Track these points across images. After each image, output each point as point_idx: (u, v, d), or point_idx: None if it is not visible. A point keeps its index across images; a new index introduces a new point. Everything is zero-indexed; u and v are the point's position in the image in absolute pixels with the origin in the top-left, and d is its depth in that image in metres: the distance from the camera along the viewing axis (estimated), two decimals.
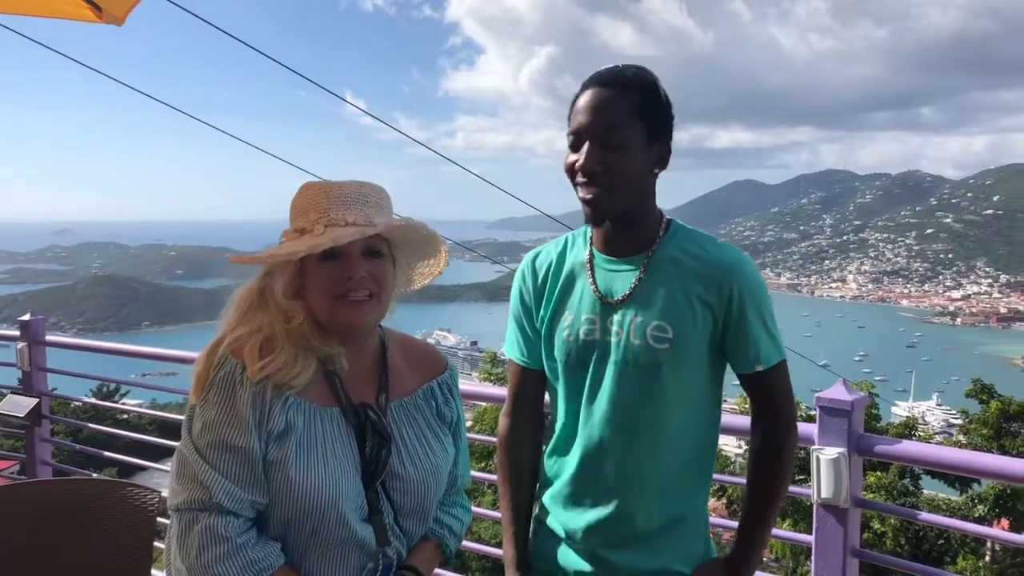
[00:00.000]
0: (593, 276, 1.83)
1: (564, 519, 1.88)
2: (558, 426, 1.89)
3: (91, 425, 6.09)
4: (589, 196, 1.72)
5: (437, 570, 3.55)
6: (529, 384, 2.00)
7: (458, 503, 1.87)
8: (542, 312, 1.91)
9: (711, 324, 1.74)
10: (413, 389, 1.76)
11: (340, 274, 1.60)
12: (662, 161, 1.76)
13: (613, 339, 1.78)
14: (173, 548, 1.57)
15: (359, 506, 1.59)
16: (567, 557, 1.88)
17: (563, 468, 1.88)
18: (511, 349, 2.02)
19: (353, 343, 1.67)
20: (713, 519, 2.09)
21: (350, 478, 1.58)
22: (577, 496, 1.85)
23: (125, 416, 20.27)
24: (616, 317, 1.78)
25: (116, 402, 19.73)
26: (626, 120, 1.69)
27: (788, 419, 1.81)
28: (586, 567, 1.85)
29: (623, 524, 1.80)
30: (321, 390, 1.62)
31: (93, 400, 10.45)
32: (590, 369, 1.81)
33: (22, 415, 4.58)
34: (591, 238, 1.87)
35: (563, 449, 1.88)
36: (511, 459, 2.01)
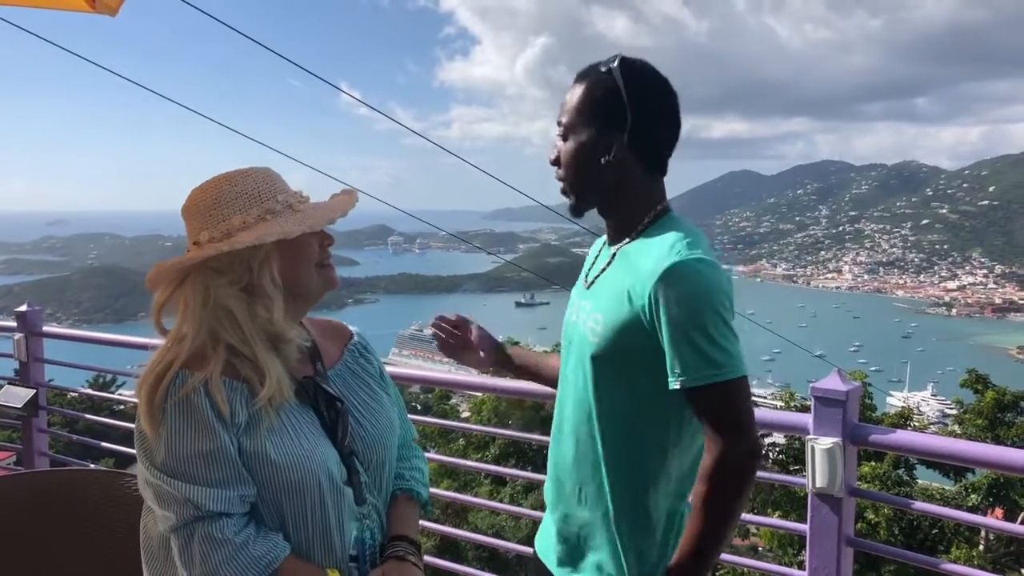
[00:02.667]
0: (594, 262, 1.91)
1: (547, 493, 1.97)
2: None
3: (88, 416, 6.10)
4: (560, 187, 1.84)
5: (437, 560, 3.59)
6: None
7: (413, 454, 1.91)
8: None
9: (639, 325, 1.65)
10: (339, 355, 1.80)
11: (320, 243, 1.67)
12: (607, 151, 1.72)
13: (578, 324, 1.84)
14: (179, 569, 1.53)
15: (340, 471, 1.62)
16: (547, 526, 1.96)
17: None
18: None
19: (298, 323, 1.70)
20: None
21: (326, 446, 1.61)
22: (551, 473, 1.93)
23: (122, 407, 20.25)
24: (583, 303, 1.84)
25: (112, 393, 19.74)
26: (575, 113, 1.76)
27: (726, 443, 1.59)
28: (553, 542, 1.90)
29: (572, 509, 1.84)
30: None
31: (89, 391, 10.48)
32: (566, 349, 1.90)
33: (19, 406, 4.58)
34: None
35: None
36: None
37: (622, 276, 1.73)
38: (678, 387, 1.62)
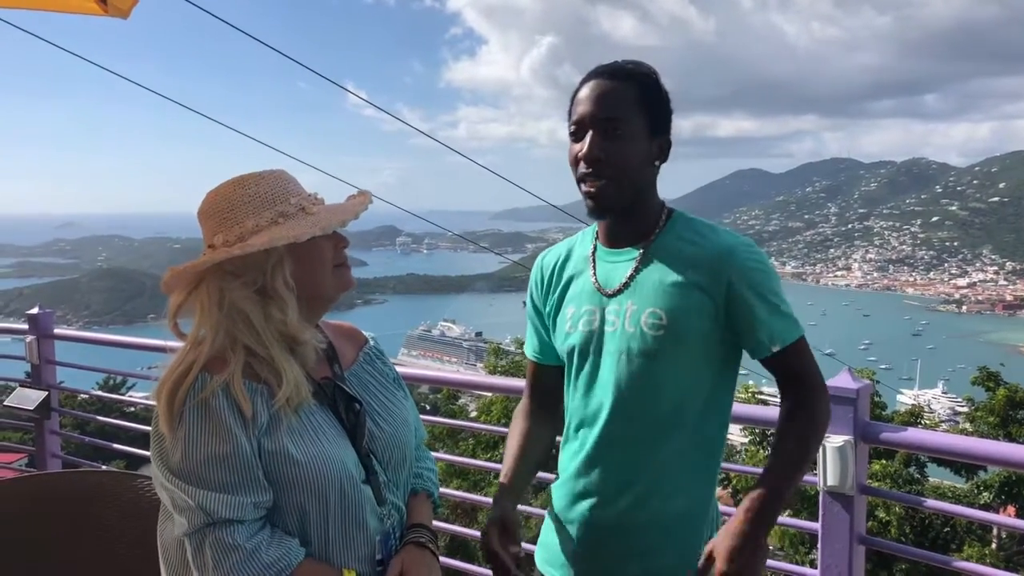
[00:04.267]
0: (594, 269, 1.85)
1: (567, 511, 1.88)
2: (567, 417, 1.91)
3: (99, 418, 6.12)
4: (592, 189, 1.73)
5: (447, 560, 3.63)
6: (544, 379, 2.01)
7: (425, 455, 1.93)
8: (548, 308, 1.94)
9: (711, 310, 1.71)
10: (354, 358, 1.82)
11: (335, 244, 1.68)
12: (663, 153, 1.77)
13: (609, 329, 1.79)
14: (194, 573, 1.54)
15: (359, 471, 1.63)
16: (565, 548, 1.88)
17: (570, 459, 1.88)
18: (527, 347, 2.05)
19: (314, 324, 1.72)
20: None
21: (345, 447, 1.62)
22: (579, 488, 1.85)
23: (132, 408, 20.33)
24: (613, 307, 1.79)
25: (123, 394, 19.80)
26: (629, 110, 1.70)
27: (818, 384, 1.76)
28: (577, 560, 1.85)
29: (620, 518, 1.80)
30: None
31: (100, 393, 10.54)
32: (590, 360, 1.83)
33: (31, 408, 4.60)
34: (597, 232, 1.89)
35: (571, 440, 1.89)
36: (523, 423, 2.01)
37: (671, 269, 1.74)
38: (776, 350, 1.72)
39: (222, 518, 1.49)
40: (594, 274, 1.85)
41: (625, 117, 1.70)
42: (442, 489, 1.96)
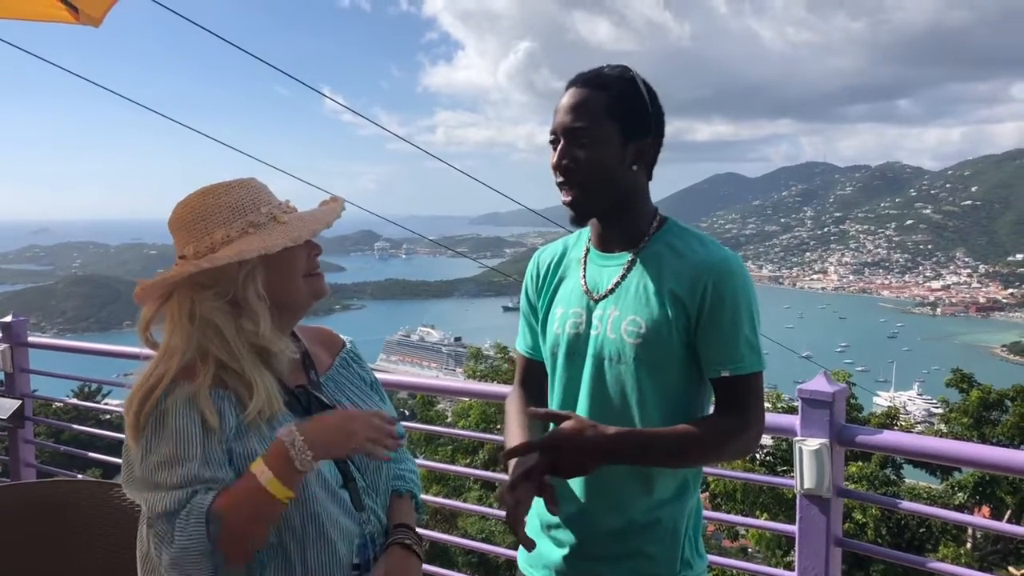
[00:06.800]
0: (585, 271, 1.86)
1: (548, 514, 1.86)
2: None
3: (75, 426, 6.04)
4: (568, 198, 1.76)
5: (426, 567, 3.60)
6: (535, 374, 2.01)
7: (405, 457, 1.93)
8: (540, 306, 1.95)
9: (684, 322, 1.71)
10: (330, 363, 1.81)
11: (308, 252, 1.66)
12: (642, 158, 1.77)
13: (593, 333, 1.80)
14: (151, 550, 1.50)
15: (335, 476, 1.62)
16: (548, 551, 1.88)
17: None
18: (519, 342, 2.04)
19: (288, 333, 1.70)
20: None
21: None
22: (560, 492, 1.83)
23: (108, 416, 20.09)
24: (597, 312, 1.80)
25: (98, 402, 19.53)
26: (598, 118, 1.71)
27: (755, 421, 1.73)
28: (559, 563, 1.85)
29: (592, 525, 1.81)
30: None
31: (75, 401, 10.39)
32: (573, 362, 1.84)
33: (5, 417, 4.54)
34: (590, 234, 1.90)
35: None
36: (520, 398, 1.99)
37: (655, 278, 1.75)
38: (726, 375, 1.70)
39: (163, 511, 1.44)
40: (583, 276, 1.86)
41: (592, 125, 1.71)
42: (422, 495, 1.95)
